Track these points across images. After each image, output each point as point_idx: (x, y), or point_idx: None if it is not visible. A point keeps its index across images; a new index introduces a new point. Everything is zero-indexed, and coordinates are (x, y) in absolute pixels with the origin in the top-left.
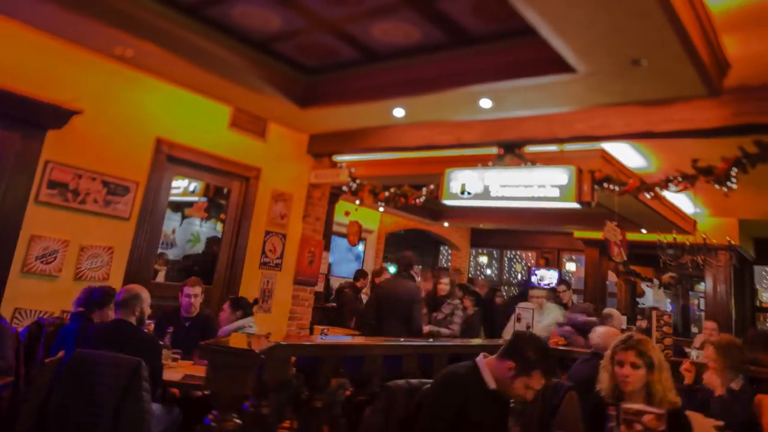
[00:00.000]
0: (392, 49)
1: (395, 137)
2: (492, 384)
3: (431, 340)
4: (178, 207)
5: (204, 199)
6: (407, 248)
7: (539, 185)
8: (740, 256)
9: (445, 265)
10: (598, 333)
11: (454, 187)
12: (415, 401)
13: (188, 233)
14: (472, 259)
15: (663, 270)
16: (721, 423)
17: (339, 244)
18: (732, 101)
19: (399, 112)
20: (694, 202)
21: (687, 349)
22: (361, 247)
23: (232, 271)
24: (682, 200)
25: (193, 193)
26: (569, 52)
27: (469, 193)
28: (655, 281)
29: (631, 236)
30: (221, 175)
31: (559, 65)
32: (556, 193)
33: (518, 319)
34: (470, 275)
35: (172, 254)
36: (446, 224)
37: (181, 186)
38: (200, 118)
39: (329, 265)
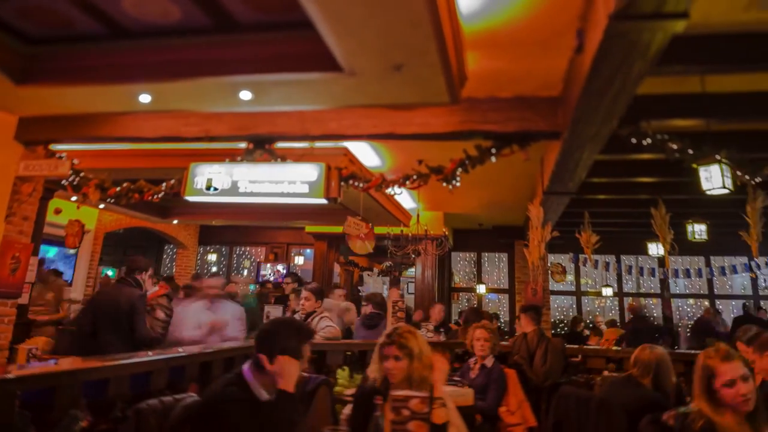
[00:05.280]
0: (145, 26)
1: (134, 126)
2: (264, 395)
3: (181, 350)
4: None
5: None
6: (128, 248)
7: (290, 181)
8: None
9: (169, 265)
10: None
11: (200, 182)
12: (170, 424)
13: None
14: (199, 257)
15: (381, 259)
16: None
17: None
18: (461, 110)
19: (145, 98)
20: (416, 198)
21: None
22: (71, 251)
23: None
24: (404, 197)
25: None
26: (341, 51)
27: (215, 189)
28: (375, 270)
29: None
30: None
31: (328, 63)
32: (305, 189)
33: (267, 317)
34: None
35: None
36: (176, 221)
37: None
38: None
39: None
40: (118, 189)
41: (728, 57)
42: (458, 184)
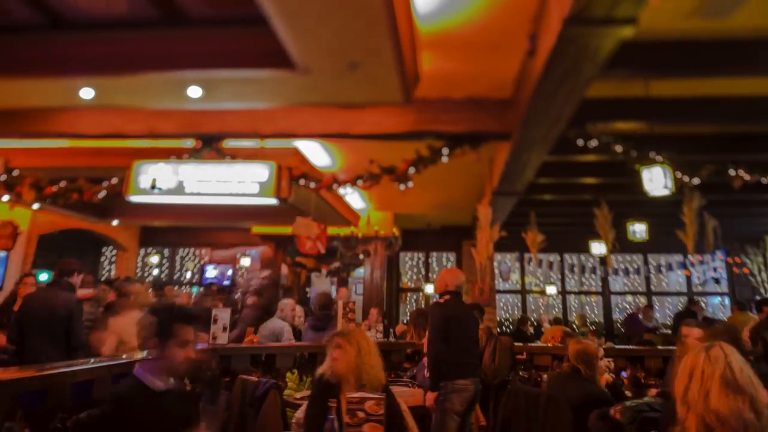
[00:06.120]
0: (89, 18)
1: (75, 123)
2: (159, 383)
3: (125, 356)
4: None
5: None
6: (63, 250)
7: (239, 181)
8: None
9: (108, 268)
10: None
11: (144, 181)
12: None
13: None
14: (140, 259)
15: (329, 260)
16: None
17: None
18: (414, 110)
19: (87, 93)
20: (366, 199)
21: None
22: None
23: None
24: (354, 197)
25: None
26: (295, 48)
27: (160, 189)
28: (323, 271)
29: None
30: None
31: (282, 60)
32: (255, 189)
33: (215, 321)
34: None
35: None
36: (116, 222)
37: None
38: None
39: None
40: (55, 188)
41: (671, 63)
42: (411, 184)
